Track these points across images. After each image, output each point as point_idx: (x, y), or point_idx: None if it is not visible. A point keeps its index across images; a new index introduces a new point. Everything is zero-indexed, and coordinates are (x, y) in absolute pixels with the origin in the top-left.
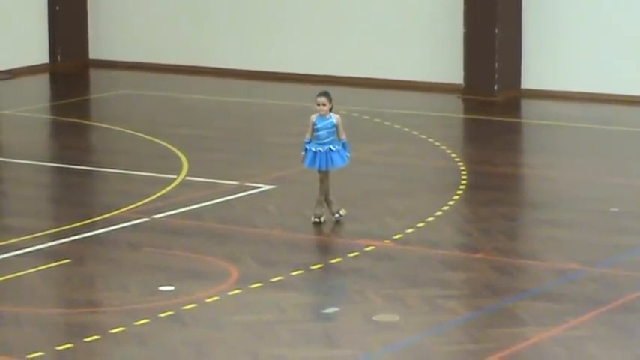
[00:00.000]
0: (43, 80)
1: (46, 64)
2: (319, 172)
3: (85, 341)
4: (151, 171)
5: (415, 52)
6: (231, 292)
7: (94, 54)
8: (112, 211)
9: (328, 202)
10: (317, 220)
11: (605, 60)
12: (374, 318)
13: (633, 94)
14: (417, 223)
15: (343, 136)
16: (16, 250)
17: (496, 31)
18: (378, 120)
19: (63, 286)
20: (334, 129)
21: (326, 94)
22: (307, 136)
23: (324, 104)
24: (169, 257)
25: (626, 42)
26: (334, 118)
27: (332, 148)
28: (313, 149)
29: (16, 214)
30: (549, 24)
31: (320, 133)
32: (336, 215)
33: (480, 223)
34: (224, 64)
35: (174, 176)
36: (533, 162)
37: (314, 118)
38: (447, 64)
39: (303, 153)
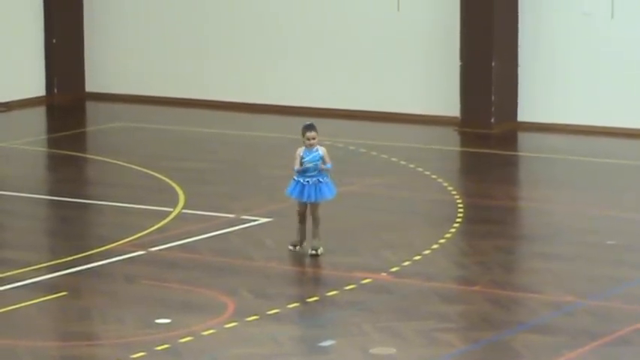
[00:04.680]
0: (40, 113)
1: (42, 96)
2: (306, 204)
3: None
4: (147, 204)
5: (412, 85)
6: (227, 325)
7: (90, 87)
8: (109, 244)
9: (313, 235)
10: (292, 248)
11: (601, 93)
12: (370, 351)
13: (630, 127)
14: (414, 256)
15: (328, 162)
16: (13, 282)
17: (492, 64)
18: (374, 153)
19: (59, 319)
20: (321, 161)
21: (314, 127)
22: (297, 167)
23: (314, 138)
24: (166, 290)
25: (622, 76)
26: (320, 150)
27: (320, 180)
28: (301, 180)
29: (13, 247)
30: (545, 57)
31: (308, 166)
32: (313, 252)
33: (476, 256)
34: (220, 97)
35: (171, 209)
36: (530, 195)
37: (301, 151)
38: (444, 97)
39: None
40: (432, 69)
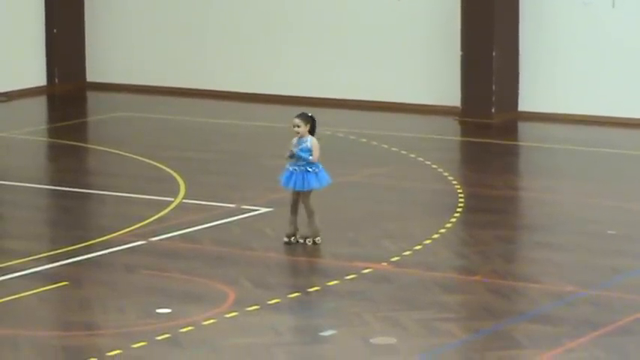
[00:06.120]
0: (41, 103)
1: (43, 86)
2: (293, 192)
3: None
4: (148, 193)
5: (412, 75)
6: (228, 315)
7: (91, 76)
8: (109, 234)
9: (307, 224)
10: (287, 240)
11: (602, 83)
12: (371, 341)
13: (631, 117)
14: (415, 246)
15: (314, 159)
16: (14, 272)
17: (493, 53)
18: (375, 143)
19: (60, 309)
20: (310, 152)
21: (301, 115)
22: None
23: (298, 126)
24: (166, 280)
25: (623, 65)
26: (309, 142)
27: (308, 169)
28: (290, 168)
29: (14, 237)
30: (546, 47)
31: (299, 154)
32: (301, 240)
33: (477, 246)
34: (222, 87)
35: (172, 199)
36: (531, 184)
37: (295, 140)
38: (444, 87)
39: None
40: (433, 59)
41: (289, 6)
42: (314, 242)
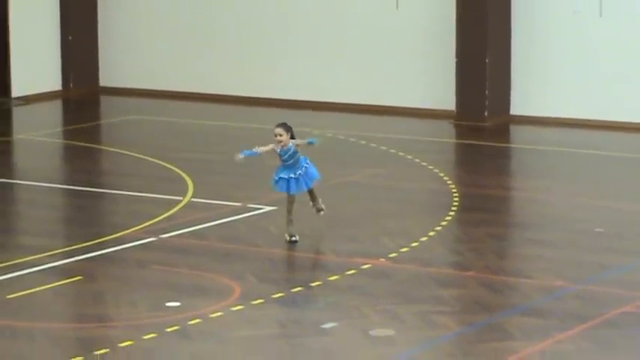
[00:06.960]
0: (56, 106)
1: (59, 91)
2: (290, 195)
3: (96, 354)
4: (158, 193)
5: (410, 81)
6: (234, 308)
7: (104, 81)
8: (122, 231)
9: (314, 199)
10: (293, 239)
11: (593, 87)
12: (370, 333)
13: (620, 120)
14: (412, 243)
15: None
16: (30, 267)
17: (486, 60)
18: (373, 145)
19: (74, 302)
20: (298, 153)
21: (283, 125)
22: (261, 148)
23: (280, 135)
24: (176, 275)
25: (614, 69)
26: (292, 147)
27: (305, 165)
28: (286, 177)
29: (31, 234)
30: (537, 54)
31: (289, 162)
32: (321, 212)
33: (471, 243)
34: (227, 91)
35: (180, 198)
36: (522, 185)
37: (278, 150)
38: (440, 92)
39: (241, 155)
40: (429, 65)
41: (291, 14)
42: (323, 209)
